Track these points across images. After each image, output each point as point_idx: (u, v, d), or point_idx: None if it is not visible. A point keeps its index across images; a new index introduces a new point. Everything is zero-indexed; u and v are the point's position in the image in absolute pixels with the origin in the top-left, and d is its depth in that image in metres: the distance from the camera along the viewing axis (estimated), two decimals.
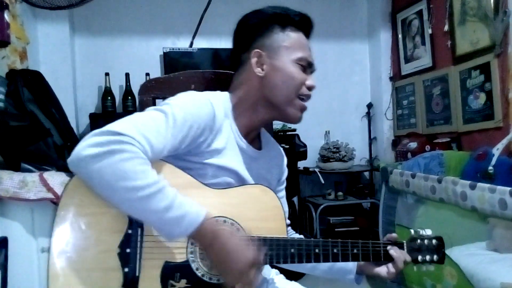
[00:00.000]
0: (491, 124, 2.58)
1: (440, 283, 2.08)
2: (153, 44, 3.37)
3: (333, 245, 1.03)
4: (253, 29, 1.09)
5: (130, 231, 0.89)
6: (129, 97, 3.14)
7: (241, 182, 1.06)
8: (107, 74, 3.14)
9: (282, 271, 1.27)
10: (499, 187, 1.73)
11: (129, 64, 3.28)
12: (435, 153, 2.59)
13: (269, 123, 1.46)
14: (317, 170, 3.41)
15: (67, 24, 3.03)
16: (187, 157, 1.00)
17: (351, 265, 1.14)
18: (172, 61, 3.24)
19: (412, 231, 1.16)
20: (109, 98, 3.12)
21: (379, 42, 3.68)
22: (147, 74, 3.20)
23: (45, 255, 0.82)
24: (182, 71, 1.31)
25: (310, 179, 3.60)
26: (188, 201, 0.87)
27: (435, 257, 1.13)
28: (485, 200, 1.77)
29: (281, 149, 1.27)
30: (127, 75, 3.18)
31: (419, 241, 1.13)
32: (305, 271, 1.22)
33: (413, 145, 3.15)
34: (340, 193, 3.45)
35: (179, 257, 0.92)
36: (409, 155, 3.05)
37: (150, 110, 0.95)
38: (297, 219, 3.37)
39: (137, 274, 0.88)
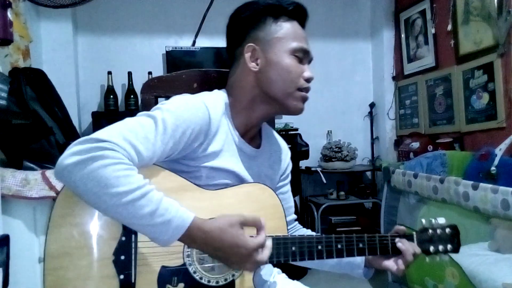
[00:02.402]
0: (494, 124, 2.57)
1: (442, 283, 2.08)
2: (156, 43, 3.37)
3: (337, 240, 1.01)
4: (245, 22, 1.05)
5: (124, 238, 0.88)
6: (132, 96, 3.15)
7: (240, 182, 1.04)
8: (109, 72, 3.14)
9: (285, 270, 1.25)
10: (501, 187, 1.73)
11: (132, 63, 3.28)
12: (437, 153, 2.59)
13: (272, 121, 1.45)
14: (319, 169, 3.41)
15: (70, 22, 3.04)
16: (183, 161, 0.98)
17: (359, 259, 1.12)
18: (175, 59, 3.24)
19: (424, 220, 1.12)
20: (111, 96, 3.12)
21: (382, 42, 3.68)
22: (150, 73, 3.20)
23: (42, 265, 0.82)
24: (184, 70, 1.30)
25: (312, 178, 3.59)
26: (175, 205, 0.85)
27: (449, 246, 1.09)
28: (487, 201, 1.77)
29: (284, 143, 1.24)
30: (129, 73, 3.18)
31: (430, 231, 1.09)
32: (313, 266, 1.20)
33: (416, 145, 3.15)
34: (342, 193, 3.45)
35: (176, 261, 0.91)
36: (411, 155, 3.04)
37: (139, 116, 0.92)
38: (299, 218, 3.36)
39: (133, 281, 0.87)
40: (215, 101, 1.02)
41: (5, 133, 1.86)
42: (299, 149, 3.25)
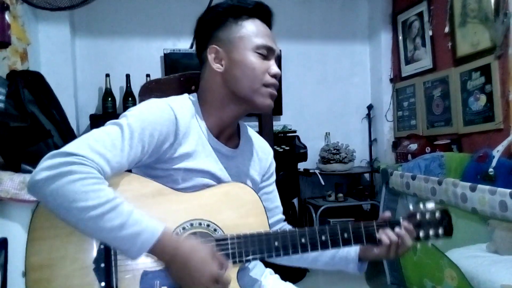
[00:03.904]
0: (491, 126, 2.58)
1: (441, 285, 2.08)
2: (154, 45, 3.37)
3: (321, 232, 0.99)
4: (208, 25, 1.07)
5: (102, 246, 0.88)
6: (130, 98, 3.15)
7: (218, 182, 1.04)
8: (107, 75, 3.14)
9: (283, 272, 1.24)
10: (499, 189, 1.73)
11: (130, 65, 3.28)
12: (435, 154, 2.59)
13: (270, 122, 1.45)
14: (317, 171, 3.41)
15: (68, 25, 3.03)
16: (157, 165, 0.99)
17: (353, 254, 1.10)
18: (173, 62, 3.24)
19: (411, 206, 1.10)
20: (109, 99, 3.12)
21: (379, 44, 3.68)
22: (148, 75, 3.20)
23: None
24: (182, 72, 1.31)
25: (310, 180, 3.59)
26: (145, 218, 0.85)
27: (440, 230, 1.07)
28: (485, 202, 1.77)
29: (265, 142, 1.24)
30: (127, 76, 3.18)
31: (419, 216, 1.07)
32: (306, 265, 1.19)
33: (414, 146, 3.15)
34: (340, 195, 3.45)
35: (158, 265, 0.91)
36: (409, 156, 3.05)
37: (106, 125, 0.93)
38: (297, 220, 3.37)
39: (115, 287, 0.88)
40: (181, 103, 1.03)
41: (2, 136, 1.86)
42: (297, 151, 3.25)
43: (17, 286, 1.64)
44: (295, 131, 3.36)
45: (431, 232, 1.07)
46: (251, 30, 1.04)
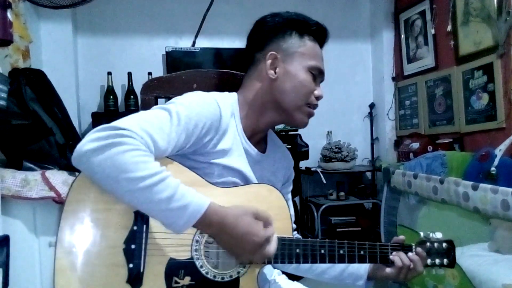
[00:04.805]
0: (493, 125, 2.57)
1: (442, 284, 2.08)
2: (156, 44, 3.37)
3: (339, 246, 1.02)
4: (270, 30, 1.09)
5: (135, 228, 0.89)
6: (132, 96, 3.15)
7: (246, 182, 1.06)
8: (109, 73, 3.14)
9: (284, 272, 1.26)
10: (501, 188, 1.73)
11: (132, 63, 3.28)
12: (437, 153, 2.59)
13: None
14: (319, 170, 3.40)
15: (70, 23, 3.03)
16: (194, 156, 1.00)
17: (363, 271, 1.13)
18: (175, 60, 3.24)
19: (422, 234, 1.14)
20: (111, 97, 3.12)
21: (381, 42, 3.68)
22: (150, 74, 3.20)
23: (51, 250, 0.84)
24: (184, 71, 1.31)
25: (312, 179, 3.59)
26: (191, 191, 0.87)
27: (445, 260, 1.11)
28: (487, 201, 1.77)
29: (288, 152, 1.27)
30: (129, 74, 3.18)
31: (428, 244, 1.12)
32: (312, 276, 1.21)
33: (415, 145, 3.15)
34: (342, 193, 3.45)
35: (184, 255, 0.92)
36: (411, 155, 3.04)
37: (154, 108, 0.95)
38: (298, 219, 3.37)
39: (141, 270, 0.89)
40: (226, 100, 1.05)
41: (4, 134, 1.86)
42: (299, 150, 3.25)
43: (19, 282, 1.65)
44: (296, 130, 3.36)
45: (437, 261, 1.11)
46: (311, 50, 1.08)
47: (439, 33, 3.08)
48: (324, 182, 3.34)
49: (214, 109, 1.00)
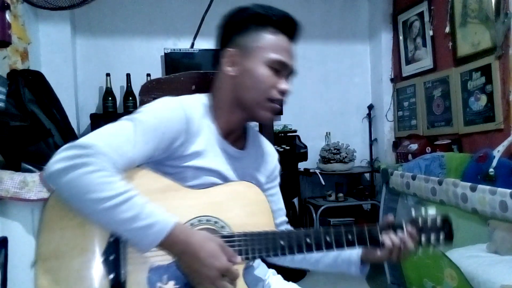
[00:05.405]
0: (492, 126, 2.57)
1: (441, 285, 2.08)
2: (154, 45, 3.37)
3: (326, 233, 1.00)
4: (231, 27, 1.07)
5: (112, 239, 0.89)
6: (130, 98, 3.15)
7: (225, 181, 1.05)
8: (108, 74, 3.14)
9: (280, 271, 1.25)
10: (499, 189, 1.73)
11: (130, 65, 3.28)
12: (435, 154, 2.59)
13: (270, 122, 1.45)
14: (317, 171, 3.41)
15: (68, 24, 3.04)
16: (168, 162, 1.00)
17: (356, 256, 1.10)
18: (173, 61, 3.24)
19: (413, 211, 1.10)
20: (110, 98, 3.12)
21: (380, 44, 3.68)
22: (148, 75, 3.20)
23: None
24: (183, 72, 1.31)
25: (310, 180, 3.59)
26: (158, 211, 0.87)
27: (441, 236, 1.07)
28: (485, 202, 1.77)
29: (271, 146, 1.26)
30: (128, 75, 3.18)
31: (420, 221, 1.08)
32: (308, 266, 1.19)
33: (414, 146, 3.15)
34: (340, 195, 3.45)
35: (166, 258, 0.91)
36: (409, 156, 3.05)
37: (120, 120, 0.95)
38: (297, 220, 3.37)
39: (123, 280, 0.88)
40: (193, 103, 1.05)
41: (3, 135, 1.86)
42: (297, 151, 3.25)
43: (17, 284, 1.64)
44: (295, 131, 3.36)
45: (432, 237, 1.07)
46: (269, 43, 1.03)
47: (437, 35, 3.09)
48: (323, 183, 3.35)
49: (180, 113, 0.99)
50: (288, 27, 1.06)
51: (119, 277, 0.88)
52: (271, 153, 1.24)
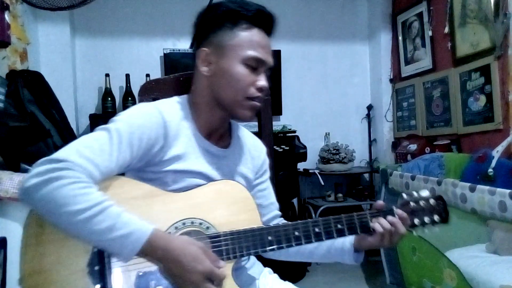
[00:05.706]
0: (491, 126, 2.58)
1: (440, 285, 2.08)
2: (154, 45, 3.37)
3: (314, 224, 0.99)
4: (205, 25, 1.04)
5: (96, 249, 0.88)
6: (129, 98, 3.15)
7: (210, 181, 1.04)
8: (107, 75, 3.14)
9: (279, 271, 1.24)
10: (499, 189, 1.73)
11: (130, 65, 3.28)
12: (435, 155, 2.59)
13: (269, 122, 1.45)
14: (317, 171, 3.41)
15: (67, 25, 3.04)
16: (149, 168, 0.99)
17: (349, 245, 1.09)
18: (173, 62, 3.24)
19: (404, 194, 1.08)
20: (109, 99, 3.12)
21: (379, 44, 3.69)
22: (148, 75, 3.20)
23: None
24: (182, 72, 1.31)
25: (310, 180, 3.59)
26: (134, 219, 0.86)
27: (436, 217, 1.06)
28: (485, 202, 1.77)
29: (258, 140, 1.24)
30: (127, 76, 3.18)
31: (412, 204, 1.06)
32: (304, 259, 1.18)
33: (413, 147, 3.15)
34: (340, 195, 3.45)
35: (151, 264, 0.90)
36: (409, 157, 3.05)
37: (95, 131, 0.94)
38: (296, 220, 3.36)
39: None
40: (170, 106, 1.04)
41: (2, 136, 1.86)
42: (297, 151, 3.25)
43: (17, 284, 1.64)
44: (294, 131, 3.36)
45: (426, 219, 1.06)
46: (244, 40, 1.00)
47: (437, 35, 3.09)
48: (322, 183, 3.35)
49: (156, 118, 0.98)
50: (263, 21, 1.03)
51: (106, 286, 0.87)
52: (258, 148, 1.22)
